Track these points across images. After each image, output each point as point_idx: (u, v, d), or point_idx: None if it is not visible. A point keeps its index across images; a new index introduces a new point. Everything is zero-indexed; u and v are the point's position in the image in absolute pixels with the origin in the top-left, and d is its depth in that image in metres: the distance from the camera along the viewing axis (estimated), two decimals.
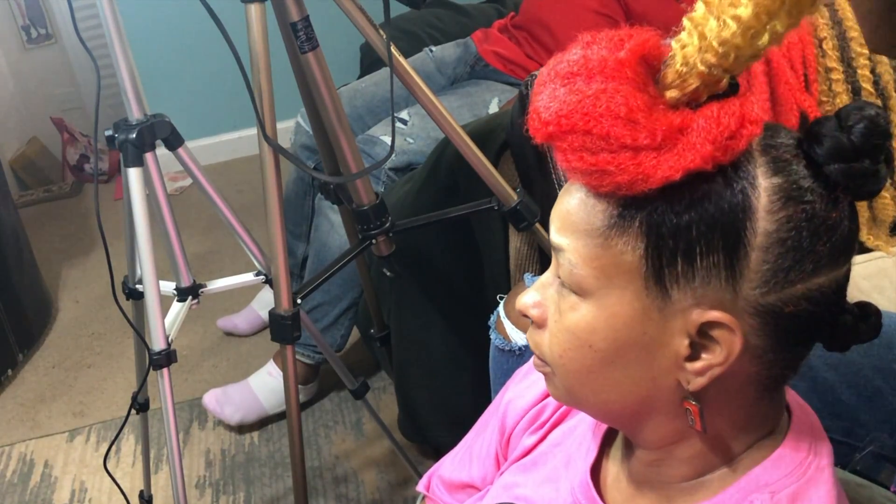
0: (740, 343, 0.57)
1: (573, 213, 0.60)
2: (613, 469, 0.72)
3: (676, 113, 0.55)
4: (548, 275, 0.66)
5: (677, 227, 0.56)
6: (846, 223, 0.58)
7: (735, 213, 0.56)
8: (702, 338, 0.58)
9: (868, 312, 0.61)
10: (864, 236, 1.31)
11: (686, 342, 0.58)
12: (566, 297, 0.62)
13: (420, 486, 0.97)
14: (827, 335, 0.61)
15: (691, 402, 0.60)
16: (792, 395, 0.67)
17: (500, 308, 1.15)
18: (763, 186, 0.56)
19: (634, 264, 0.58)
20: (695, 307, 0.57)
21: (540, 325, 0.65)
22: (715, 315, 0.57)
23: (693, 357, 0.59)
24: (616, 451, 0.73)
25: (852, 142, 0.56)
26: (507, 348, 1.11)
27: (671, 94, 0.56)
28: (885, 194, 1.32)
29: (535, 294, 0.66)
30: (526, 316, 0.66)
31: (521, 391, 0.85)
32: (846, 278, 0.60)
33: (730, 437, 0.63)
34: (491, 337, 1.14)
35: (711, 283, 0.57)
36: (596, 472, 0.72)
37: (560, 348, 0.63)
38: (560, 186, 1.38)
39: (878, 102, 1.29)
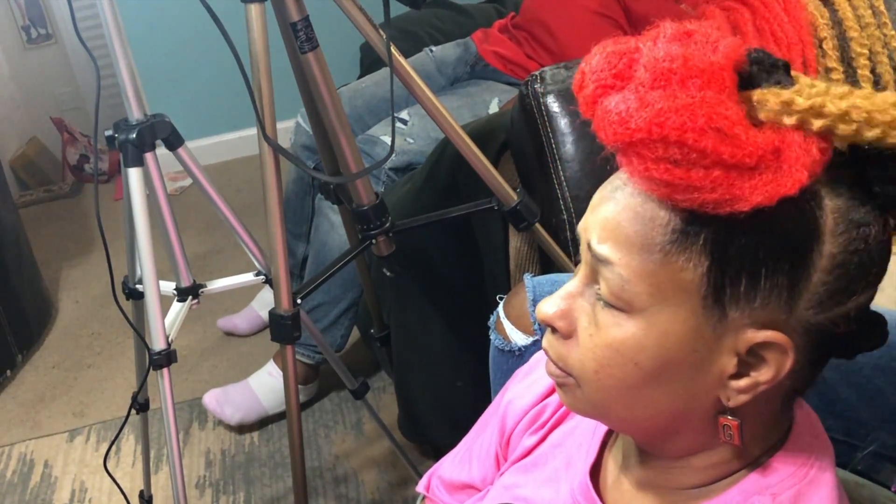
0: (791, 362, 0.56)
1: (625, 225, 0.56)
2: (614, 470, 0.72)
3: (770, 132, 0.52)
4: (576, 283, 0.62)
5: (745, 247, 0.54)
6: (889, 242, 0.57)
7: (804, 234, 0.54)
8: (750, 356, 0.57)
9: (876, 321, 0.60)
10: None
11: (734, 360, 0.57)
12: (607, 311, 0.58)
13: (420, 487, 0.97)
14: (840, 345, 0.60)
15: (728, 417, 0.59)
16: None
17: (500, 308, 1.15)
18: (829, 208, 0.55)
19: (694, 282, 0.55)
20: (749, 326, 0.56)
21: (566, 336, 0.62)
22: (770, 335, 0.55)
23: (738, 374, 0.57)
24: (617, 452, 0.72)
25: None
26: (506, 349, 1.11)
27: (762, 115, 0.53)
28: None
29: (559, 302, 0.62)
30: (550, 326, 0.63)
31: (521, 391, 0.85)
32: (875, 292, 0.59)
33: (750, 446, 0.62)
34: (490, 337, 1.14)
35: (770, 304, 0.55)
36: (596, 473, 0.72)
37: (597, 364, 0.59)
38: (561, 187, 1.38)
39: None
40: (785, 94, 0.53)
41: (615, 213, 0.57)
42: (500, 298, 1.18)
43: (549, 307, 0.62)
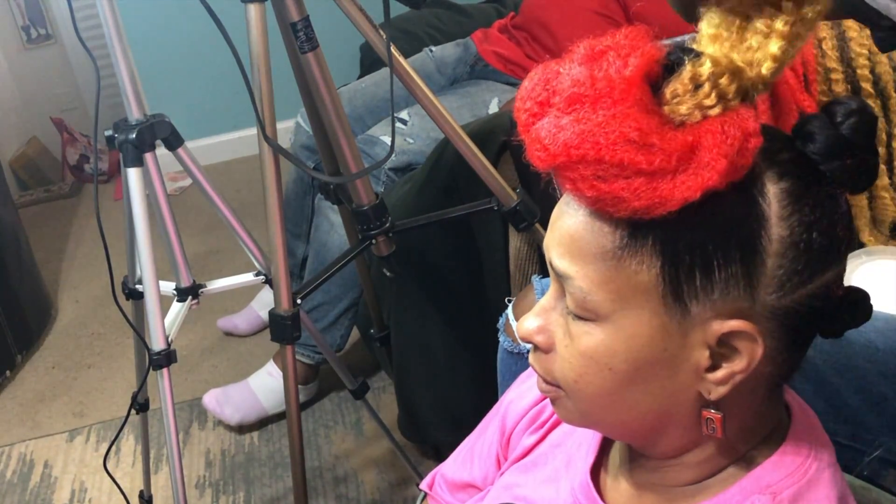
0: (762, 349, 0.57)
1: (578, 237, 0.58)
2: (613, 470, 0.72)
3: (685, 130, 0.53)
4: (549, 298, 0.64)
5: (693, 243, 0.55)
6: (847, 218, 0.58)
7: (749, 223, 0.55)
8: (721, 347, 0.57)
9: (857, 297, 0.61)
10: (865, 237, 1.31)
11: (706, 353, 0.58)
12: (577, 322, 0.60)
13: (423, 485, 0.97)
14: (825, 324, 0.61)
15: (712, 411, 0.60)
16: (792, 396, 0.67)
17: (509, 310, 1.15)
18: (772, 193, 0.56)
19: (651, 283, 0.56)
20: (714, 319, 0.57)
21: (546, 350, 0.63)
22: (735, 325, 0.56)
23: (713, 367, 0.58)
24: (615, 452, 0.72)
25: (845, 138, 0.56)
26: (515, 350, 1.11)
27: (677, 108, 0.54)
28: (885, 195, 1.32)
29: (537, 319, 0.64)
30: (531, 342, 0.64)
31: (523, 392, 0.85)
32: (844, 269, 0.60)
33: (738, 439, 0.63)
34: (500, 340, 1.14)
35: (730, 294, 0.56)
36: (596, 472, 0.72)
37: (575, 373, 0.61)
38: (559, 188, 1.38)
39: (878, 103, 1.29)
40: (686, 72, 0.54)
41: (568, 227, 0.59)
42: (510, 301, 1.18)
43: (528, 324, 0.64)
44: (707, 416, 0.60)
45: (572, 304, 0.60)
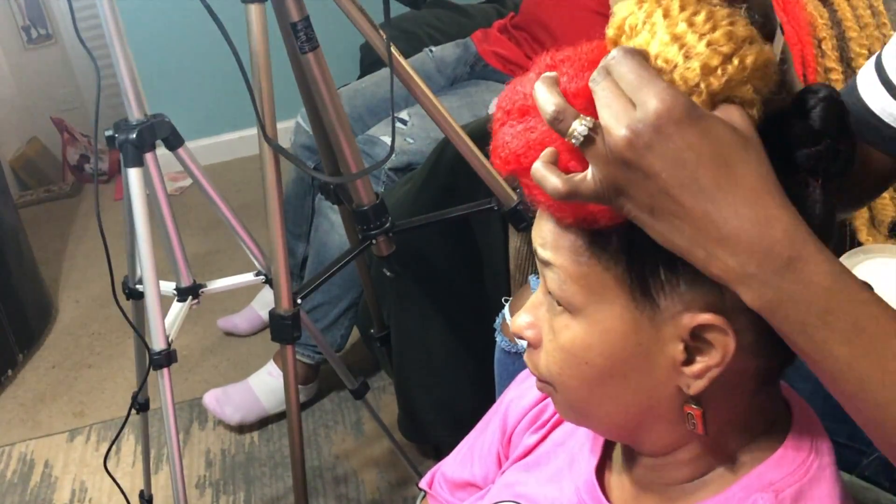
0: (734, 343, 0.56)
1: (557, 231, 0.60)
2: (616, 469, 0.72)
3: None
4: (538, 294, 0.65)
5: (653, 240, 0.55)
6: (819, 206, 0.57)
7: None
8: (696, 341, 0.57)
9: None
10: (864, 237, 1.32)
11: (681, 347, 0.58)
12: (558, 316, 0.61)
13: (423, 483, 0.97)
14: None
15: (692, 406, 0.60)
16: (791, 393, 0.67)
17: (506, 310, 1.15)
18: None
19: (619, 278, 0.57)
20: (685, 312, 0.57)
21: (535, 345, 0.65)
22: (705, 318, 0.56)
23: (689, 361, 0.58)
24: (618, 453, 0.73)
25: (813, 125, 0.56)
26: (512, 350, 1.11)
27: None
28: (885, 194, 1.33)
29: (527, 315, 0.65)
30: (521, 338, 0.66)
31: (523, 391, 0.85)
32: None
33: (729, 435, 0.62)
34: (496, 339, 1.14)
35: (697, 287, 0.56)
36: (600, 471, 0.72)
37: (557, 367, 0.62)
38: None
39: None
40: None
41: (548, 220, 0.60)
42: (506, 300, 1.18)
43: (519, 320, 0.65)
44: (688, 411, 0.60)
45: (553, 291, 0.61)
